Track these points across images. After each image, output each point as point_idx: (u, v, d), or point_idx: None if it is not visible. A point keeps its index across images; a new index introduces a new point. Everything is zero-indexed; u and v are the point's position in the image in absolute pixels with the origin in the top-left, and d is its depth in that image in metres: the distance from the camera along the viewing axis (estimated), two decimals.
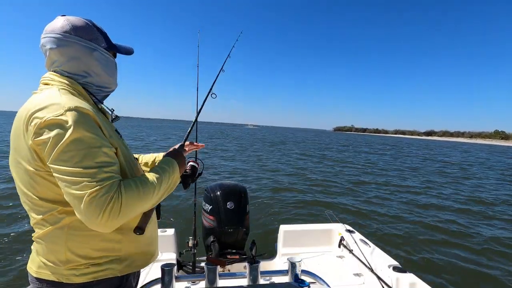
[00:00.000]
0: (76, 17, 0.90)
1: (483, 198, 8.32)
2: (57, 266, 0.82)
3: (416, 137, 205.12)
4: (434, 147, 41.67)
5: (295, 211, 6.18)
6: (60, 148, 0.71)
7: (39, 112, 0.73)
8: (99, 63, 0.90)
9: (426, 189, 9.43)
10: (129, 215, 0.75)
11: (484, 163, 20.74)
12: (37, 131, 0.72)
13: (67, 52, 0.85)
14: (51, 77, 0.86)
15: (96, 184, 0.71)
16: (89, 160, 0.72)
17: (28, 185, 0.80)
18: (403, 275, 1.90)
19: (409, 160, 18.11)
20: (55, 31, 0.85)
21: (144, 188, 0.80)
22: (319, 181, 9.88)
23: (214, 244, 2.18)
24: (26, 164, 0.78)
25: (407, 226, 5.47)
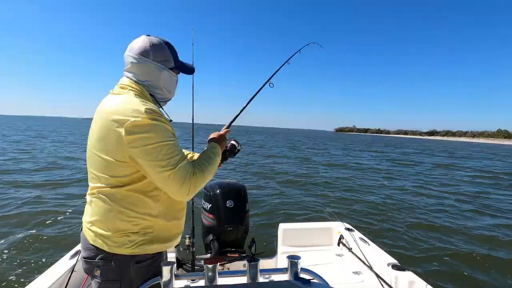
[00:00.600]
0: (157, 38, 1.13)
1: (484, 198, 8.34)
2: (107, 236, 1.00)
3: (418, 137, 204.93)
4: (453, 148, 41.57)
5: (295, 209, 6.19)
6: (149, 141, 0.94)
7: (126, 115, 0.95)
8: (164, 80, 1.15)
9: (426, 189, 9.45)
10: (198, 186, 1.03)
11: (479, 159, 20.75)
12: (128, 129, 0.93)
13: (142, 69, 1.10)
14: (127, 83, 1.09)
15: (179, 163, 0.97)
16: (170, 148, 0.97)
17: (100, 167, 1.01)
18: (402, 273, 1.91)
19: (414, 159, 18.16)
20: (136, 51, 1.09)
21: (207, 166, 1.08)
22: (319, 180, 9.90)
23: (213, 243, 2.18)
24: (107, 152, 0.98)
25: (407, 224, 5.48)
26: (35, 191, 6.46)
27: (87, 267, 1.07)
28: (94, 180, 1.05)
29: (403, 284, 1.85)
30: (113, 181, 1.00)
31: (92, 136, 1.05)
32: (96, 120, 1.06)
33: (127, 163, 0.98)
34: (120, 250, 1.01)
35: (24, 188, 6.63)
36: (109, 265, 1.02)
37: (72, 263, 1.87)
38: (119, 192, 1.00)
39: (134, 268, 1.04)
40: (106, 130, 0.98)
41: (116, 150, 0.97)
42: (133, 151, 0.95)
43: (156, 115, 0.98)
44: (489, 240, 4.88)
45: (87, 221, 1.05)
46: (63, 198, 6.03)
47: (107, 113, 0.99)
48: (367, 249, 2.31)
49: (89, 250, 1.04)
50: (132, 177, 1.01)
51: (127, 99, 1.01)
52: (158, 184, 0.99)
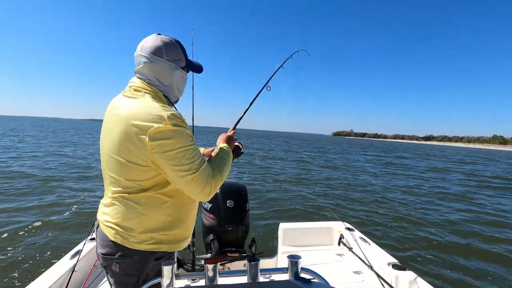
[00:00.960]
0: (167, 37, 1.12)
1: (485, 198, 8.34)
2: (128, 234, 1.04)
3: (415, 141, 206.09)
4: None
5: (295, 209, 6.19)
6: (172, 147, 0.96)
7: (149, 121, 0.95)
8: (177, 80, 1.15)
9: (426, 188, 9.45)
10: (218, 187, 1.07)
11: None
12: (152, 136, 0.94)
13: (155, 69, 1.09)
14: (141, 85, 1.08)
15: (200, 167, 1.00)
16: (192, 152, 1.00)
17: (120, 171, 1.02)
18: (403, 273, 1.90)
19: (414, 162, 18.16)
20: (149, 50, 1.08)
21: (223, 167, 1.12)
22: (319, 180, 9.90)
23: (214, 242, 2.18)
24: (129, 157, 0.99)
25: (407, 224, 5.48)
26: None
27: (105, 262, 1.09)
28: (114, 183, 1.06)
29: (403, 283, 1.85)
30: (135, 185, 1.02)
31: (109, 140, 1.05)
32: (111, 123, 1.05)
33: (149, 167, 0.99)
34: (141, 247, 1.05)
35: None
36: (129, 260, 1.05)
37: (72, 263, 1.87)
38: (142, 196, 1.03)
39: (152, 264, 1.09)
40: (127, 136, 0.98)
41: (138, 155, 0.98)
42: (156, 156, 0.96)
43: (178, 121, 0.99)
44: (489, 240, 4.88)
45: (106, 220, 1.07)
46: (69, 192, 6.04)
47: (126, 118, 0.99)
48: (368, 249, 2.31)
49: (109, 246, 1.06)
50: (154, 180, 1.03)
51: (147, 104, 1.01)
52: (181, 186, 1.02)
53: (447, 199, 7.84)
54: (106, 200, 1.10)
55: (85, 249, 2.05)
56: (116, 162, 1.03)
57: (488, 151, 70.01)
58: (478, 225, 5.67)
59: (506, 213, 6.74)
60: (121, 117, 1.01)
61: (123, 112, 1.02)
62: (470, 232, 5.19)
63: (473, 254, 4.23)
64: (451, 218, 6.02)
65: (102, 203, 1.13)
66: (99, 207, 1.15)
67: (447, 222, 5.73)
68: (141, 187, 1.03)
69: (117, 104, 1.07)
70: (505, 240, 4.89)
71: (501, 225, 5.80)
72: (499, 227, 5.65)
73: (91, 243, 2.19)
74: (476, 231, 5.28)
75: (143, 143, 0.96)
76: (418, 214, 6.20)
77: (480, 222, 5.90)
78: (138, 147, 0.97)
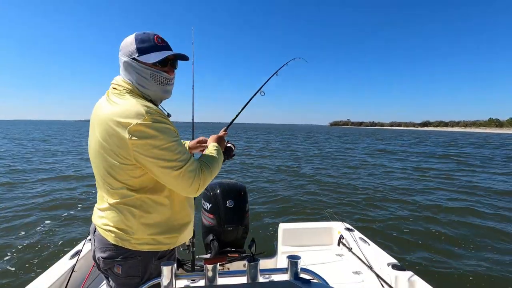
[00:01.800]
0: (143, 34, 1.08)
1: (485, 198, 8.34)
2: (129, 236, 1.03)
3: (411, 128, 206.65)
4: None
5: (295, 209, 6.19)
6: (154, 144, 0.94)
7: (128, 117, 0.94)
8: (135, 74, 1.08)
9: (425, 188, 9.45)
10: (206, 183, 1.06)
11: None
12: (132, 133, 0.93)
13: (122, 65, 1.09)
14: (119, 82, 1.08)
15: (187, 162, 0.99)
16: (176, 148, 0.98)
17: (108, 172, 1.01)
18: (402, 273, 1.91)
19: (412, 158, 18.14)
20: (121, 50, 1.08)
21: (212, 164, 1.12)
22: (319, 180, 9.90)
23: (213, 243, 2.18)
24: (112, 156, 0.98)
25: (407, 224, 5.48)
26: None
27: (105, 266, 1.07)
28: (105, 186, 1.05)
29: (403, 284, 1.85)
30: (124, 186, 1.01)
31: (93, 141, 1.05)
32: (95, 123, 1.04)
33: (134, 165, 0.98)
34: (143, 247, 1.05)
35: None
36: (132, 261, 1.05)
37: (72, 263, 1.88)
38: (136, 199, 1.03)
39: (155, 263, 1.09)
40: (108, 135, 0.97)
41: (121, 153, 0.97)
42: (139, 154, 0.95)
43: (158, 116, 0.98)
44: (490, 240, 4.88)
45: (105, 224, 1.06)
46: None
47: (105, 117, 0.98)
48: (367, 249, 2.31)
49: (110, 250, 1.05)
50: (141, 179, 1.02)
51: (124, 101, 1.00)
52: (168, 183, 1.01)
53: (447, 199, 7.84)
54: (101, 204, 1.09)
55: (84, 249, 2.06)
56: (102, 163, 1.02)
57: (487, 134, 68.65)
58: (478, 226, 5.67)
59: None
60: (101, 117, 1.01)
61: (103, 112, 1.01)
62: (471, 232, 5.19)
63: (473, 254, 4.23)
64: (451, 218, 6.02)
65: (97, 207, 1.12)
66: (94, 211, 1.14)
67: (447, 222, 5.72)
68: (130, 187, 1.02)
69: (98, 104, 1.08)
70: (506, 240, 4.89)
71: (503, 222, 5.79)
72: (503, 227, 5.64)
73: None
74: (477, 231, 5.28)
75: (124, 141, 0.94)
76: (418, 214, 6.20)
77: (480, 222, 5.90)
78: (119, 145, 0.96)
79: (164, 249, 1.10)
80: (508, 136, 62.57)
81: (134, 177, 1.01)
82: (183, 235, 1.16)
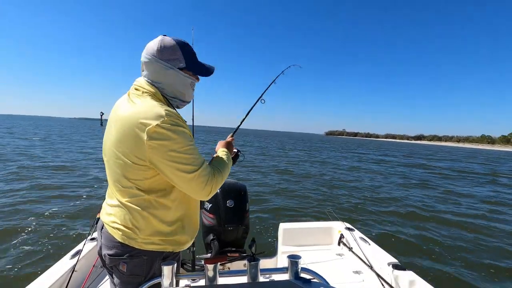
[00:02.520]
0: (170, 38, 1.11)
1: (486, 198, 8.34)
2: (136, 235, 1.04)
3: (405, 141, 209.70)
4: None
5: (295, 209, 6.19)
6: (171, 146, 0.95)
7: (147, 119, 0.95)
8: (172, 80, 1.12)
9: (425, 188, 9.45)
10: (218, 187, 1.08)
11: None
12: (150, 134, 0.94)
13: (151, 68, 1.10)
14: (141, 84, 1.09)
15: (201, 166, 1.01)
16: (191, 151, 1.00)
17: (121, 171, 1.03)
18: (403, 273, 1.90)
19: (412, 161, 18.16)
20: (148, 51, 1.10)
21: (224, 168, 1.15)
22: (319, 180, 9.90)
23: (214, 242, 2.18)
24: (127, 156, 1.00)
25: (407, 224, 5.49)
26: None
27: (111, 263, 1.09)
28: (117, 185, 1.06)
29: (403, 283, 1.85)
30: (134, 185, 1.03)
31: (110, 139, 1.07)
32: (113, 123, 1.07)
33: (146, 166, 0.99)
34: (149, 247, 1.06)
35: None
36: (137, 260, 1.06)
37: (72, 263, 1.87)
38: (146, 200, 1.04)
39: (159, 263, 1.09)
40: (125, 134, 0.99)
41: (136, 153, 0.98)
42: (155, 156, 0.96)
43: (177, 119, 0.99)
44: (489, 239, 4.88)
45: (113, 221, 1.07)
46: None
47: (124, 117, 1.00)
48: (368, 249, 2.31)
49: (116, 247, 1.06)
50: (152, 181, 1.03)
51: (144, 102, 1.02)
52: (181, 186, 1.02)
53: (446, 199, 7.84)
54: (111, 201, 1.11)
55: (85, 249, 2.05)
56: (116, 161, 1.04)
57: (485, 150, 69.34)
58: (479, 226, 5.67)
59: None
60: (120, 116, 1.02)
61: (122, 111, 1.03)
62: (471, 232, 5.19)
63: (473, 254, 4.23)
64: (451, 219, 6.02)
65: (106, 204, 1.14)
66: (103, 207, 1.16)
67: (447, 222, 5.73)
68: (140, 187, 1.03)
69: (118, 104, 1.10)
70: (505, 238, 4.89)
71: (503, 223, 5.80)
72: (503, 230, 5.64)
73: (91, 243, 2.19)
74: (477, 231, 5.28)
75: (141, 141, 0.95)
76: (418, 215, 6.20)
77: (480, 223, 5.90)
78: (135, 145, 0.97)
79: (169, 250, 1.11)
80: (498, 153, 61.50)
81: (145, 178, 1.02)
82: (189, 237, 1.18)
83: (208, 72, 1.21)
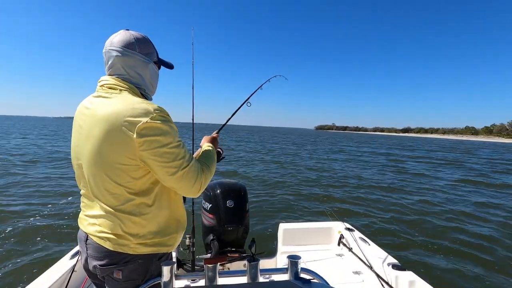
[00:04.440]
0: (138, 32, 1.10)
1: (485, 198, 8.34)
2: (128, 241, 1.01)
3: (393, 134, 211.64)
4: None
5: (295, 209, 6.19)
6: (161, 143, 0.93)
7: (135, 116, 0.92)
8: (150, 74, 1.12)
9: (426, 188, 9.45)
10: (207, 183, 1.08)
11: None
12: (139, 132, 0.91)
13: (128, 62, 1.05)
14: (115, 82, 1.03)
15: (190, 162, 1.00)
16: (181, 148, 0.99)
17: (106, 176, 0.97)
18: (403, 273, 1.90)
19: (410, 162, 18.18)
20: (120, 44, 1.04)
21: (211, 164, 1.14)
22: (319, 180, 9.90)
23: (213, 243, 2.18)
24: (118, 158, 0.94)
25: (407, 224, 5.48)
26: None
27: (103, 273, 1.04)
28: (101, 192, 1.00)
29: (403, 284, 1.85)
30: (124, 191, 0.98)
31: (89, 144, 0.98)
32: (88, 126, 0.99)
33: (137, 165, 0.95)
34: (143, 250, 1.03)
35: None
36: (133, 265, 1.03)
37: (72, 263, 1.87)
38: (132, 204, 0.99)
39: (156, 263, 1.07)
40: (111, 135, 0.93)
41: (125, 153, 0.93)
42: (145, 154, 0.93)
43: (166, 114, 0.98)
44: (489, 238, 4.88)
45: (100, 231, 1.02)
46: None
47: (108, 117, 0.94)
48: (368, 249, 2.31)
49: (108, 256, 1.01)
50: (142, 181, 0.99)
51: (128, 100, 0.97)
52: (171, 184, 1.00)
53: (446, 199, 7.84)
54: (93, 211, 1.04)
55: None
56: (101, 166, 0.97)
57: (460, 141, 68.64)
58: (478, 225, 5.67)
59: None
60: (100, 117, 0.95)
61: (102, 112, 0.96)
62: (471, 232, 5.19)
63: (473, 254, 4.23)
64: (451, 219, 6.02)
65: (86, 215, 1.08)
66: (82, 219, 1.10)
67: (447, 222, 5.72)
68: (130, 190, 0.98)
69: (91, 105, 1.01)
70: (505, 238, 4.89)
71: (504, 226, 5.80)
72: (502, 227, 5.64)
73: None
74: (477, 231, 5.27)
75: (130, 140, 0.91)
76: (418, 215, 6.20)
77: (479, 222, 5.89)
78: (125, 145, 0.92)
79: (163, 251, 1.09)
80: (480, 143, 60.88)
81: (135, 178, 0.97)
82: (180, 235, 1.16)
83: (171, 66, 1.23)
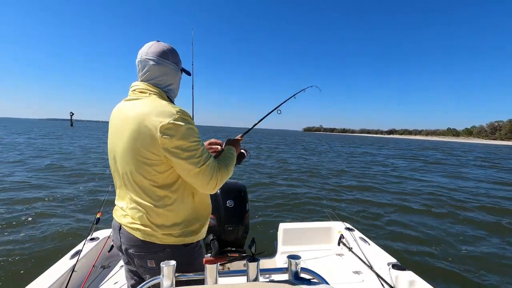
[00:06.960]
0: (167, 44, 1.23)
1: (484, 197, 8.34)
2: (155, 231, 1.11)
3: (379, 135, 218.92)
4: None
5: (295, 209, 6.19)
6: (183, 142, 1.03)
7: (159, 116, 1.03)
8: (179, 81, 1.28)
9: (425, 189, 9.45)
10: (223, 181, 1.15)
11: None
12: (163, 131, 1.01)
13: (162, 70, 1.18)
14: (145, 87, 1.16)
15: (207, 160, 1.08)
16: (200, 146, 1.08)
17: (136, 171, 1.09)
18: (402, 273, 1.91)
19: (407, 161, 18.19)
20: (156, 54, 1.17)
21: (229, 164, 1.21)
22: (319, 180, 9.90)
23: (213, 242, 2.18)
24: (145, 154, 1.05)
25: (407, 224, 5.48)
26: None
27: (140, 261, 1.15)
28: (131, 186, 1.12)
29: (403, 283, 1.85)
30: (152, 184, 1.09)
31: (121, 142, 1.12)
32: (121, 126, 1.12)
33: (161, 161, 1.06)
34: (169, 240, 1.13)
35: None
36: (163, 255, 1.12)
37: (72, 263, 1.88)
38: (160, 196, 1.10)
39: (184, 252, 1.16)
40: (140, 133, 1.05)
41: (151, 150, 1.04)
42: (167, 151, 1.03)
43: (187, 116, 1.08)
44: (489, 239, 4.88)
45: (131, 222, 1.13)
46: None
47: (137, 117, 1.06)
48: (367, 249, 2.31)
49: (139, 246, 1.13)
50: (168, 175, 1.09)
51: (155, 102, 1.09)
52: (189, 179, 1.09)
53: (446, 199, 7.84)
54: (124, 203, 1.17)
55: (85, 249, 2.06)
56: (132, 161, 1.09)
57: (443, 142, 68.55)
58: (478, 226, 5.67)
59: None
60: (131, 117, 1.08)
61: (132, 113, 1.08)
62: (471, 232, 5.19)
63: (473, 254, 4.23)
64: (451, 218, 6.02)
65: (119, 207, 1.20)
66: (116, 210, 1.22)
67: (447, 222, 5.72)
68: (156, 184, 1.09)
69: (123, 108, 1.15)
70: (505, 239, 4.89)
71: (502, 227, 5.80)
72: (500, 227, 5.64)
73: (91, 243, 2.19)
74: (477, 232, 5.28)
75: (155, 137, 1.02)
76: (418, 214, 6.20)
77: (480, 223, 5.90)
78: (149, 141, 1.04)
79: (189, 241, 1.17)
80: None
81: (159, 172, 1.08)
82: (205, 226, 1.25)
83: (189, 73, 1.37)
